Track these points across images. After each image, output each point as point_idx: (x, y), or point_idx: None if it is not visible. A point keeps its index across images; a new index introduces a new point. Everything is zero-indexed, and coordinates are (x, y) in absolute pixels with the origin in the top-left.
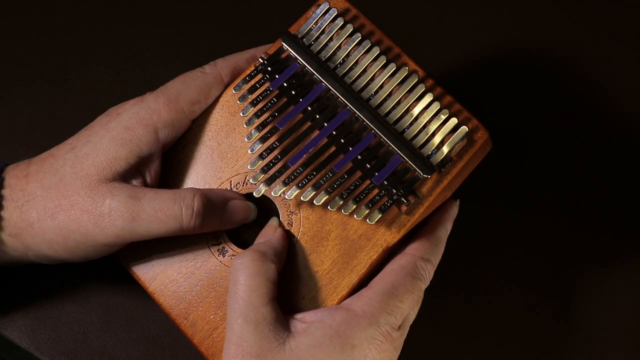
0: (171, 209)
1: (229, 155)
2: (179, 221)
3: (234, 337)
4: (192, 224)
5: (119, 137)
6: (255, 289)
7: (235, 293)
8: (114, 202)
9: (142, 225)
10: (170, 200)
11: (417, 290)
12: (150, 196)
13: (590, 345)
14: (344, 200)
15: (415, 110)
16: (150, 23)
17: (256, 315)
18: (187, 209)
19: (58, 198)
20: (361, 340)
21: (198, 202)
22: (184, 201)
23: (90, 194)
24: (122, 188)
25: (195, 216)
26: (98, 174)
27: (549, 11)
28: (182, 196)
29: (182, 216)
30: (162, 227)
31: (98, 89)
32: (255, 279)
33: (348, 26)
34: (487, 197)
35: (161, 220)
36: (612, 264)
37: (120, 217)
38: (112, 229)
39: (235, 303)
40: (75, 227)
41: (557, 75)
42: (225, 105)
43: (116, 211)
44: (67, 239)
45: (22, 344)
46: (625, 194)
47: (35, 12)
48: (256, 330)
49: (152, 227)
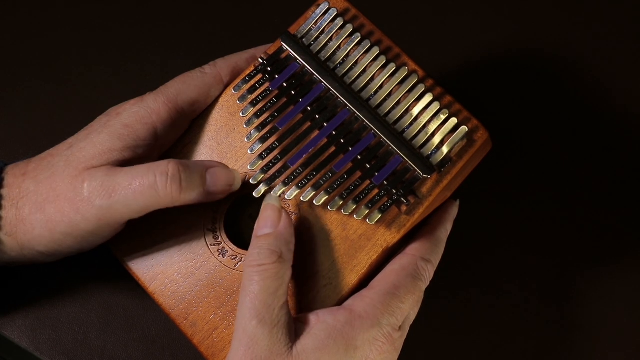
0: (145, 177)
1: (228, 155)
2: (154, 189)
3: (246, 338)
4: (169, 190)
5: (116, 132)
6: (272, 292)
7: (250, 293)
8: (92, 182)
9: (120, 201)
10: (144, 169)
11: (417, 290)
12: (126, 170)
13: (590, 345)
14: (343, 200)
15: (415, 110)
16: (150, 23)
17: (272, 317)
18: (161, 175)
19: (47, 191)
20: (364, 342)
21: (172, 168)
22: (158, 168)
23: (72, 181)
24: (100, 169)
25: (170, 181)
26: (86, 163)
27: (549, 11)
28: (157, 165)
29: (157, 183)
30: (140, 198)
31: (98, 89)
32: (274, 281)
33: (348, 26)
34: (487, 197)
35: (137, 190)
36: (612, 264)
37: (98, 196)
38: (91, 211)
39: (250, 303)
40: (60, 217)
41: (557, 75)
42: (225, 105)
43: (93, 191)
44: (54, 232)
45: (22, 344)
46: (626, 193)
47: (35, 12)
48: (271, 333)
49: (130, 200)
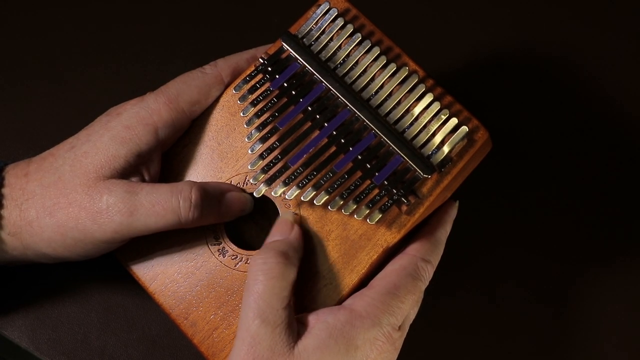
0: (169, 202)
1: (229, 155)
2: (177, 214)
3: (249, 337)
4: (191, 217)
5: (118, 136)
6: (277, 292)
7: (255, 292)
8: (112, 197)
9: (140, 220)
10: (168, 193)
11: (417, 290)
12: (148, 190)
13: (590, 345)
14: (344, 200)
15: (416, 110)
16: (150, 23)
17: (275, 317)
18: (185, 201)
19: (57, 196)
20: (364, 341)
21: (196, 194)
22: (182, 194)
23: (87, 191)
24: (119, 184)
25: (193, 208)
26: (96, 172)
27: (549, 11)
28: (180, 189)
29: (180, 209)
30: (160, 220)
31: (98, 89)
32: (278, 281)
33: (348, 26)
34: (487, 197)
35: (159, 213)
36: (612, 264)
37: (118, 213)
38: (110, 224)
39: (254, 302)
40: (74, 224)
41: (557, 75)
42: (225, 105)
43: (114, 207)
44: (66, 237)
45: (22, 344)
46: (626, 193)
47: (36, 12)
48: (273, 333)
49: (150, 221)
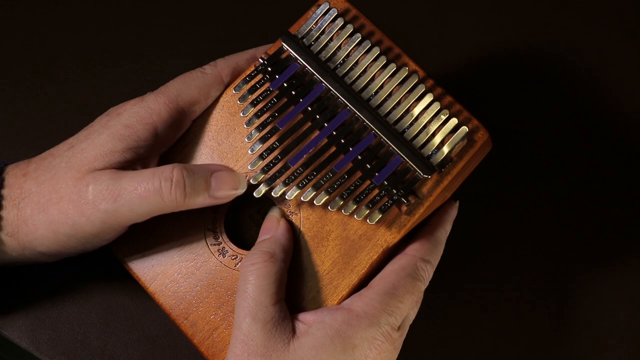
0: (150, 183)
1: (229, 155)
2: (159, 194)
3: (241, 336)
4: (174, 197)
5: (117, 133)
6: (265, 289)
7: (244, 292)
8: (97, 186)
9: (125, 205)
10: (149, 175)
11: (417, 291)
12: (131, 175)
13: (590, 345)
14: (344, 200)
15: (416, 110)
16: (151, 23)
17: (265, 314)
18: (166, 180)
19: (49, 192)
20: (362, 341)
21: (177, 173)
22: (163, 174)
23: (76, 183)
24: (105, 173)
25: (174, 188)
26: (89, 165)
27: (549, 11)
28: (162, 170)
29: (162, 188)
30: (144, 203)
31: (98, 89)
32: (266, 279)
33: (348, 26)
34: (487, 197)
35: (142, 195)
36: (612, 264)
37: (103, 200)
38: (96, 214)
39: (244, 302)
40: (64, 219)
41: (557, 76)
42: (225, 105)
43: (99, 195)
44: (57, 233)
45: (22, 344)
46: (626, 193)
47: (36, 12)
48: (264, 329)
49: (135, 204)
